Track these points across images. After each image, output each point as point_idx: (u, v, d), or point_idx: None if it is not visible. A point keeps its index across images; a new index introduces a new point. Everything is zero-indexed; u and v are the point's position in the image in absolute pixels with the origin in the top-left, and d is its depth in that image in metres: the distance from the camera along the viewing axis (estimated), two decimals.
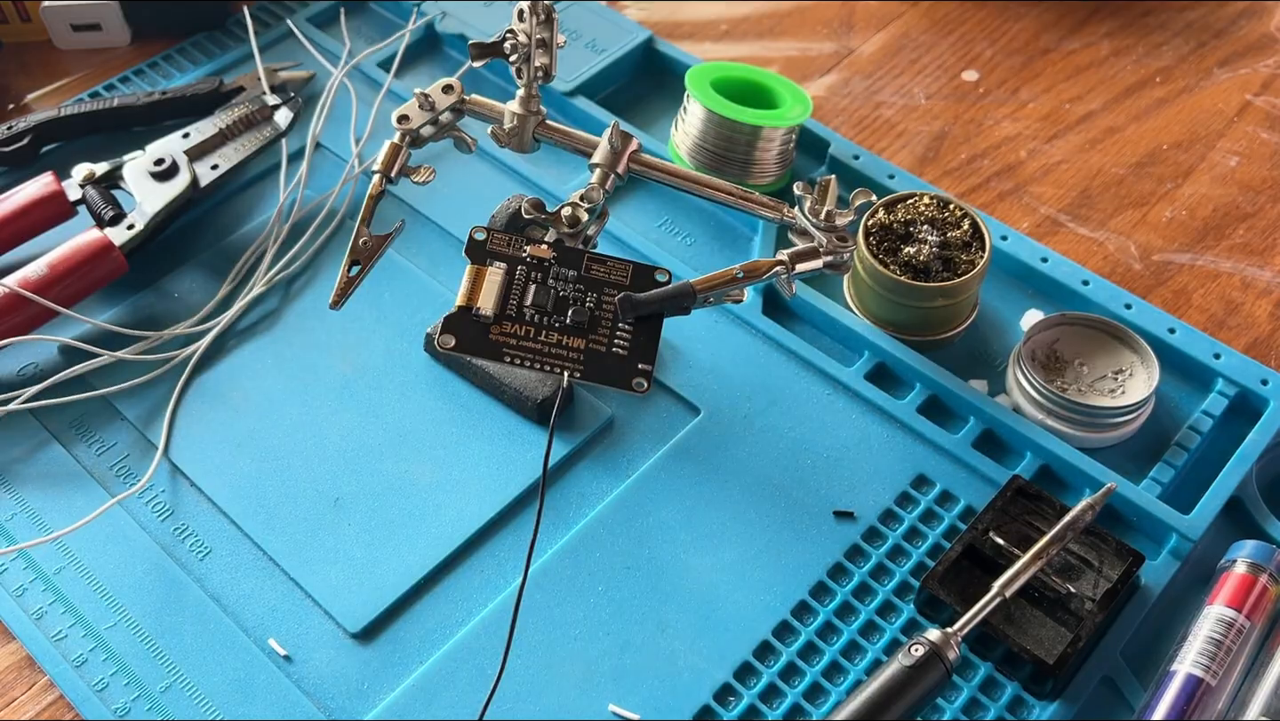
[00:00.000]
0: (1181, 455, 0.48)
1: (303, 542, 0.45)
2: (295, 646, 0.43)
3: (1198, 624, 0.42)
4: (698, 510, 0.46)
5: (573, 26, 0.64)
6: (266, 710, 0.41)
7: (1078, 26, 0.69)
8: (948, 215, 0.52)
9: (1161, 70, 0.67)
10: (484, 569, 0.45)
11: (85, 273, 0.51)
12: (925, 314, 0.51)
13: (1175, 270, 0.57)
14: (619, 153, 0.47)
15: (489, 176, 0.59)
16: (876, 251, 0.51)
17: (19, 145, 0.57)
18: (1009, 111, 0.64)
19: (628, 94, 0.64)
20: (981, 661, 0.43)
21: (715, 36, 0.68)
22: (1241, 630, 0.42)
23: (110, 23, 0.65)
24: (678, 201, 0.58)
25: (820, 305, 0.53)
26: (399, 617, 0.44)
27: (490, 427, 0.49)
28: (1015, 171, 0.61)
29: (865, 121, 0.64)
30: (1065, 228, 0.59)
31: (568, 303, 0.41)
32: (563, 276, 0.42)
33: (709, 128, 0.56)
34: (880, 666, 0.40)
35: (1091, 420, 0.48)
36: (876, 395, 0.50)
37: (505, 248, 0.42)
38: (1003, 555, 0.44)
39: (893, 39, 0.69)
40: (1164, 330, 0.51)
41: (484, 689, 0.39)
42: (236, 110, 0.57)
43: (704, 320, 0.53)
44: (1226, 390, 0.50)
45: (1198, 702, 0.40)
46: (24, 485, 0.47)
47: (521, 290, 0.42)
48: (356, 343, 0.52)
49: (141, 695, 0.41)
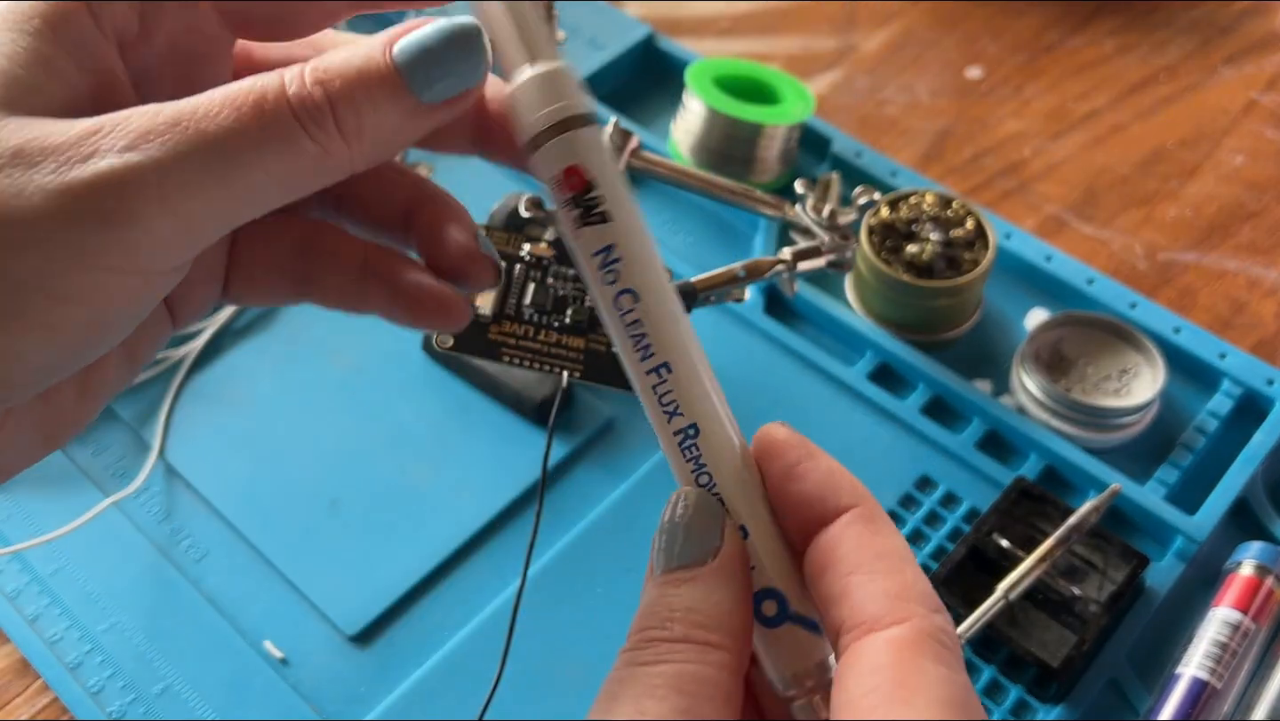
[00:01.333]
0: (1187, 456, 0.48)
1: (299, 544, 0.45)
2: (292, 649, 0.42)
3: (1203, 626, 0.42)
4: None
5: (572, 22, 0.64)
6: (262, 713, 0.41)
7: (1082, 24, 0.69)
8: (951, 213, 0.51)
9: (1166, 68, 0.66)
10: (482, 571, 0.45)
11: None
12: (928, 313, 0.50)
13: (1181, 269, 0.56)
14: (619, 150, 0.46)
15: (487, 174, 0.58)
16: (879, 250, 0.50)
17: None
18: (1013, 109, 0.64)
19: (628, 91, 0.63)
20: (985, 664, 0.42)
21: (716, 33, 0.68)
22: (1247, 633, 0.41)
23: None
24: (678, 199, 0.58)
25: (822, 304, 0.52)
26: (396, 620, 0.43)
27: (489, 428, 0.48)
28: (1019, 169, 0.61)
29: (868, 119, 0.63)
30: (1070, 226, 0.58)
31: (567, 301, 0.41)
32: (562, 275, 0.41)
33: (710, 125, 0.56)
34: None
35: (1096, 421, 0.48)
36: (879, 395, 0.49)
37: (504, 246, 0.42)
38: (1006, 557, 0.43)
39: (896, 36, 0.68)
40: (1169, 330, 0.51)
41: (482, 692, 0.39)
42: None
43: (705, 319, 0.52)
44: (1232, 390, 0.49)
45: (1203, 706, 0.40)
46: (18, 486, 0.47)
47: (520, 289, 0.41)
48: (354, 342, 0.51)
49: (137, 698, 0.41)
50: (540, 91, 0.25)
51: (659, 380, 0.25)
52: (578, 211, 0.25)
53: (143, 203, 0.21)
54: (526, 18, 0.25)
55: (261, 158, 0.22)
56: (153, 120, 0.22)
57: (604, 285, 0.25)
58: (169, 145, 0.22)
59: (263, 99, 0.23)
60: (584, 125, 0.25)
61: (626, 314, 0.25)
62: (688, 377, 0.25)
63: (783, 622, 0.24)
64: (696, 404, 0.25)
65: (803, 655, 0.24)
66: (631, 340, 0.25)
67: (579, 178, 0.24)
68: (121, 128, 0.22)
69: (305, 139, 0.23)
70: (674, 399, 0.25)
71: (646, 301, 0.25)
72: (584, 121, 0.25)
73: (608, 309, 0.25)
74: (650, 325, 0.25)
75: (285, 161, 0.23)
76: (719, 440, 0.25)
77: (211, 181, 0.22)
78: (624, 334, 0.25)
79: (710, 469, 0.25)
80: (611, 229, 0.25)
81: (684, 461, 0.25)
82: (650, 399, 0.25)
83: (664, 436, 0.25)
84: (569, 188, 0.25)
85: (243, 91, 0.23)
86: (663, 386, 0.25)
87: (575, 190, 0.24)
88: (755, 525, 0.25)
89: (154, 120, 0.22)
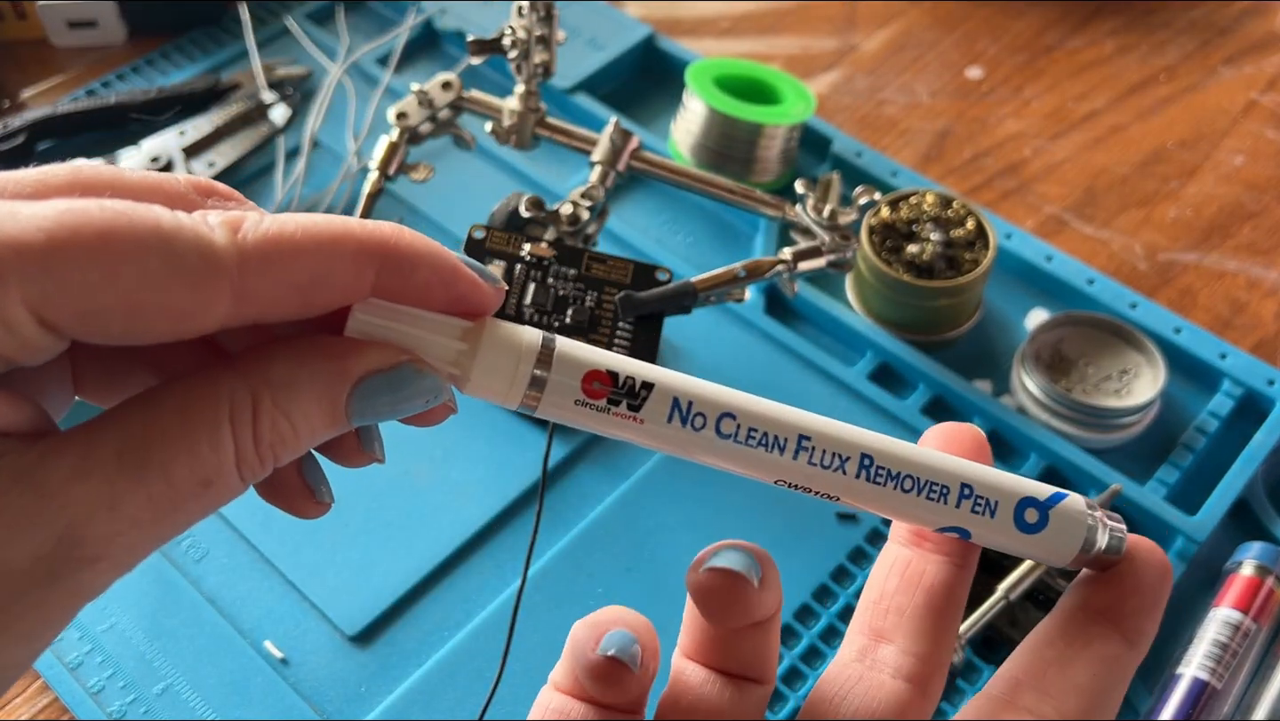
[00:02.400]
0: (1187, 456, 0.48)
1: (300, 544, 0.45)
2: (292, 649, 0.42)
3: (1203, 626, 0.42)
4: (698, 512, 0.46)
5: (573, 23, 0.64)
6: (263, 713, 0.41)
7: (1081, 24, 0.69)
8: (951, 213, 0.51)
9: (1166, 68, 0.66)
10: (483, 571, 0.45)
11: None
12: (929, 313, 0.50)
13: (1181, 269, 0.56)
14: (619, 150, 0.46)
15: (488, 174, 0.58)
16: (879, 250, 0.50)
17: (14, 143, 0.57)
18: (1013, 109, 0.64)
19: (628, 91, 0.63)
20: (985, 665, 0.42)
21: (717, 33, 0.68)
22: (1248, 633, 0.41)
23: (106, 20, 0.64)
24: (679, 199, 0.58)
25: (823, 304, 0.52)
26: (397, 620, 0.43)
27: (489, 428, 0.48)
28: (1019, 170, 0.61)
29: (868, 119, 0.63)
30: (1070, 226, 0.58)
31: (568, 301, 0.41)
32: (562, 275, 0.41)
33: (710, 125, 0.56)
34: None
35: (1097, 421, 0.48)
36: (880, 395, 0.49)
37: (504, 246, 0.42)
38: (1007, 557, 0.43)
39: (896, 36, 0.68)
40: (1170, 330, 0.51)
41: (482, 692, 0.39)
42: (233, 107, 0.57)
43: (705, 319, 0.52)
44: (1233, 390, 0.49)
45: (1203, 706, 0.40)
46: None
47: (521, 289, 0.41)
48: None
49: (137, 698, 0.41)
50: (498, 366, 0.23)
51: (808, 452, 0.24)
52: (624, 404, 0.23)
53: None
54: (435, 329, 0.23)
55: (201, 505, 0.21)
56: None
57: (698, 432, 0.23)
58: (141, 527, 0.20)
59: (208, 483, 0.21)
60: (551, 347, 0.23)
61: (739, 431, 0.24)
62: (822, 429, 0.24)
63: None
64: (854, 440, 0.25)
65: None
66: (760, 446, 0.24)
67: (599, 377, 0.23)
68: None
69: (240, 483, 0.22)
70: (834, 456, 0.24)
71: (740, 406, 0.24)
72: (547, 346, 0.23)
73: (718, 449, 0.24)
74: (763, 420, 0.24)
75: (222, 497, 0.21)
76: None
77: (168, 533, 0.21)
78: (750, 449, 0.24)
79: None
80: (661, 386, 0.24)
81: (929, 501, 0.24)
82: (838, 481, 0.24)
83: (889, 505, 0.25)
84: (600, 394, 0.23)
85: (192, 470, 0.21)
86: (814, 457, 0.24)
87: (608, 386, 0.23)
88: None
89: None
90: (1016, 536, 0.25)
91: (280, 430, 0.21)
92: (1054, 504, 0.25)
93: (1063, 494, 0.25)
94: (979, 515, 0.25)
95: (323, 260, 0.21)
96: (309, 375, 0.22)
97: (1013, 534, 0.25)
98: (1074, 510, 0.25)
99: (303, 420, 0.22)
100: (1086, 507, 0.25)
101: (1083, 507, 0.25)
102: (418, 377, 0.23)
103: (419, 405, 0.23)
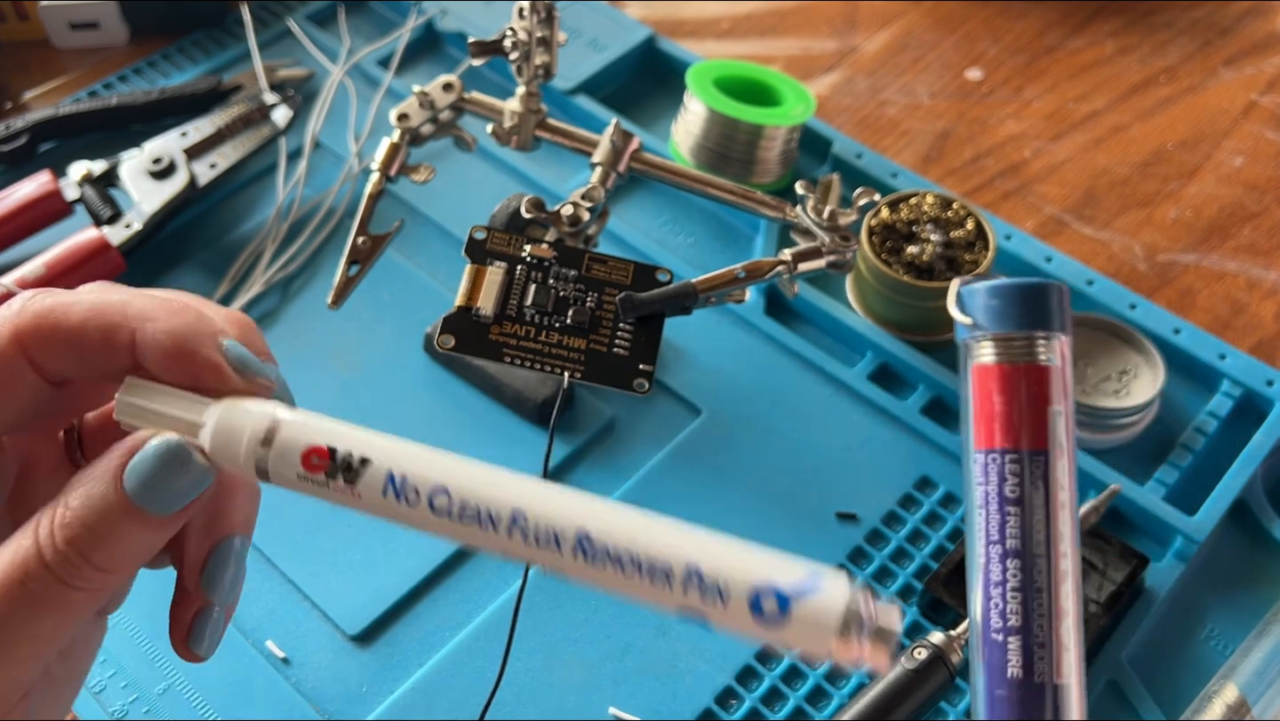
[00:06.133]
0: (1186, 456, 0.48)
1: (301, 545, 0.45)
2: (293, 649, 0.43)
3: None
4: (699, 512, 0.46)
5: (573, 24, 0.64)
6: (264, 712, 0.41)
7: (1082, 25, 0.69)
8: (951, 214, 0.51)
9: (1166, 69, 0.66)
10: (483, 571, 0.45)
11: (83, 272, 0.50)
12: (928, 314, 0.50)
13: (1180, 270, 0.56)
14: (620, 151, 0.46)
15: (489, 175, 0.58)
16: (879, 251, 0.51)
17: (16, 144, 0.57)
18: (1013, 110, 0.64)
19: (629, 92, 0.63)
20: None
21: (717, 34, 0.68)
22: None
23: (108, 21, 0.65)
24: (679, 200, 0.58)
25: (823, 305, 0.52)
26: (398, 620, 0.43)
27: (490, 429, 0.49)
28: (1019, 171, 0.61)
29: (868, 120, 0.63)
30: (1069, 227, 0.58)
31: (568, 302, 0.41)
32: (563, 276, 0.42)
33: (711, 126, 0.56)
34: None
35: (1096, 421, 0.48)
36: (879, 396, 0.49)
37: (505, 247, 0.42)
38: None
39: (896, 37, 0.68)
40: (1169, 331, 0.51)
41: (483, 692, 0.39)
42: (235, 109, 0.57)
43: (706, 320, 0.52)
44: (1232, 391, 0.49)
45: None
46: None
47: (521, 290, 0.41)
48: (355, 343, 0.51)
49: (139, 697, 0.41)
50: (228, 447, 0.24)
51: (522, 531, 0.23)
52: (340, 478, 0.24)
53: None
54: (182, 408, 0.25)
55: (38, 625, 0.24)
56: None
57: (413, 507, 0.24)
58: None
59: (25, 576, 0.24)
60: (275, 428, 0.24)
61: (451, 507, 0.24)
62: (539, 506, 0.23)
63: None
64: (570, 518, 0.23)
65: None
66: (474, 523, 0.24)
67: (318, 453, 0.24)
68: None
69: (71, 591, 0.24)
70: (549, 533, 0.23)
71: (456, 482, 0.24)
72: (271, 429, 0.24)
73: (432, 524, 0.24)
74: (477, 496, 0.24)
75: (56, 615, 0.24)
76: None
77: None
78: (464, 526, 0.24)
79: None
80: (378, 462, 0.24)
81: (653, 586, 0.22)
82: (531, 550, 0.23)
83: (612, 586, 0.23)
84: (319, 468, 0.24)
85: (3, 572, 0.24)
86: (529, 535, 0.23)
87: (325, 460, 0.24)
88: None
89: None
90: (755, 628, 0.22)
91: (65, 517, 0.24)
92: (802, 595, 0.21)
93: (816, 582, 0.21)
94: (711, 602, 0.22)
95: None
96: (85, 471, 0.25)
97: (750, 625, 0.22)
98: (822, 604, 0.21)
99: (80, 502, 0.24)
100: (847, 595, 0.21)
101: (838, 601, 0.21)
102: (169, 452, 0.25)
103: (179, 475, 0.25)
